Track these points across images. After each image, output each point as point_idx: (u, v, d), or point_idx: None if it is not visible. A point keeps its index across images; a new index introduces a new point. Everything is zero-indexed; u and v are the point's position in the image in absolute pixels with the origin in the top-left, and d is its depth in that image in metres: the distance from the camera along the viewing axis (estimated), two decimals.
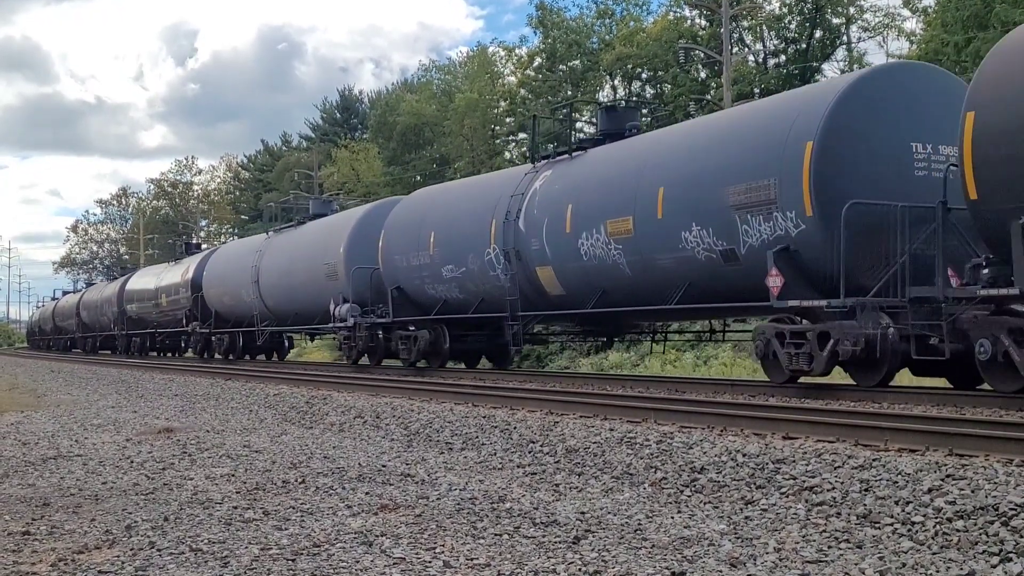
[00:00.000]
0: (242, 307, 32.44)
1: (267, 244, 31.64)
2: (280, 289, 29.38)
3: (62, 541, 6.28)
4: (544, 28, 54.55)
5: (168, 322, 40.44)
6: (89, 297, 56.13)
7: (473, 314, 20.49)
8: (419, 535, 6.25)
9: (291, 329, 31.01)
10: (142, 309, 43.59)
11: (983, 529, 5.74)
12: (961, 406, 11.34)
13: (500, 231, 19.19)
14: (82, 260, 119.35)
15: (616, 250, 16.29)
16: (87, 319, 54.99)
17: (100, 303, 51.62)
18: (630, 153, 17.20)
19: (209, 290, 35.30)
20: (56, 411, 16.53)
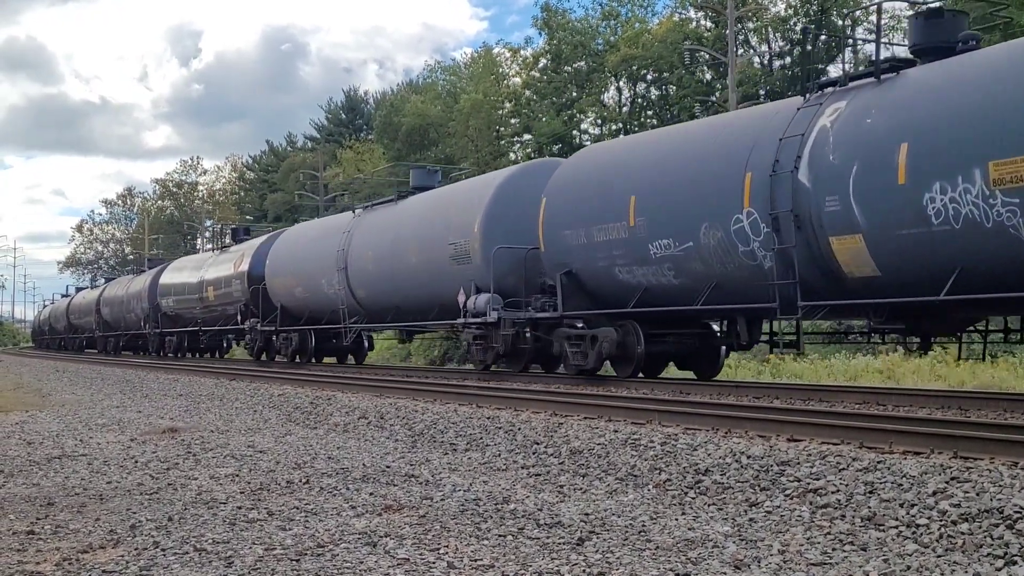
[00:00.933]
0: (321, 300, 27.08)
1: (356, 224, 25.93)
2: (378, 278, 23.96)
3: (66, 540, 6.29)
4: (549, 29, 54.59)
5: (215, 319, 35.88)
6: (112, 293, 52.10)
7: (703, 306, 15.22)
8: (423, 536, 6.26)
9: (397, 326, 25.01)
10: (181, 304, 39.17)
11: (988, 532, 5.73)
12: (966, 408, 11.33)
13: (761, 188, 13.85)
14: (87, 260, 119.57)
15: (1008, 207, 11.05)
16: (109, 316, 51.45)
17: (126, 299, 47.87)
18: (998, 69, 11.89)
19: (274, 280, 29.95)
20: (61, 411, 16.54)
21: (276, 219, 75.97)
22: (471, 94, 55.54)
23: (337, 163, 68.53)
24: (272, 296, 30.04)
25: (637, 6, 55.47)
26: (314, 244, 27.90)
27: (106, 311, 51.95)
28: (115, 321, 50.51)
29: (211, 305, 35.58)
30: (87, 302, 57.38)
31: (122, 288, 50.29)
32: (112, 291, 52.35)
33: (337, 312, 26.08)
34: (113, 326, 51.26)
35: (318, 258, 26.84)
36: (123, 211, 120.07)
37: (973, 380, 19.52)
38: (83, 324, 58.47)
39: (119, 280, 56.70)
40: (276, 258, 30.20)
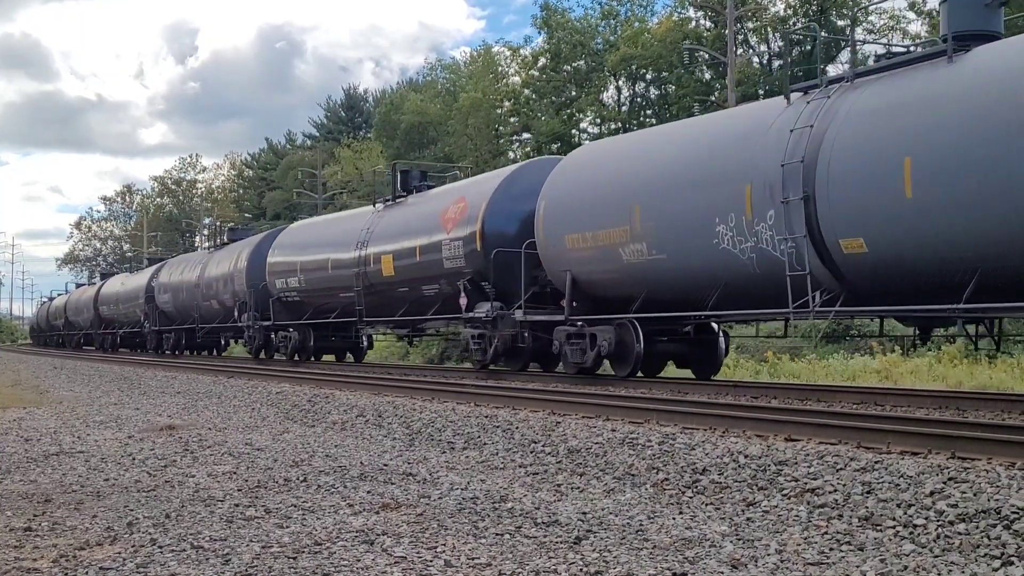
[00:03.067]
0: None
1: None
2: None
3: (64, 538, 6.28)
4: (549, 28, 54.59)
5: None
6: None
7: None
8: (420, 534, 6.26)
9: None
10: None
11: (985, 532, 5.73)
12: (964, 409, 11.34)
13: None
14: (85, 257, 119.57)
15: None
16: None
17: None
18: None
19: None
20: (59, 408, 16.53)
21: (275, 217, 75.97)
22: (470, 93, 55.52)
23: (336, 161, 68.49)
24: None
25: (636, 5, 55.51)
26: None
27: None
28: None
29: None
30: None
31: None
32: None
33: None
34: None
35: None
36: (122, 208, 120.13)
37: (971, 381, 19.52)
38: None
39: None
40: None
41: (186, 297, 37.48)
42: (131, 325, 42.79)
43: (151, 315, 41.29)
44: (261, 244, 32.26)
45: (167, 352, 41.20)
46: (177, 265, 40.46)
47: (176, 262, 42.17)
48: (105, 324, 47.17)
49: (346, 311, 26.17)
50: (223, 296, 34.10)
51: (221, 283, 34.37)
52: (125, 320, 43.98)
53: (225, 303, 34.08)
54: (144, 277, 43.30)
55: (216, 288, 34.82)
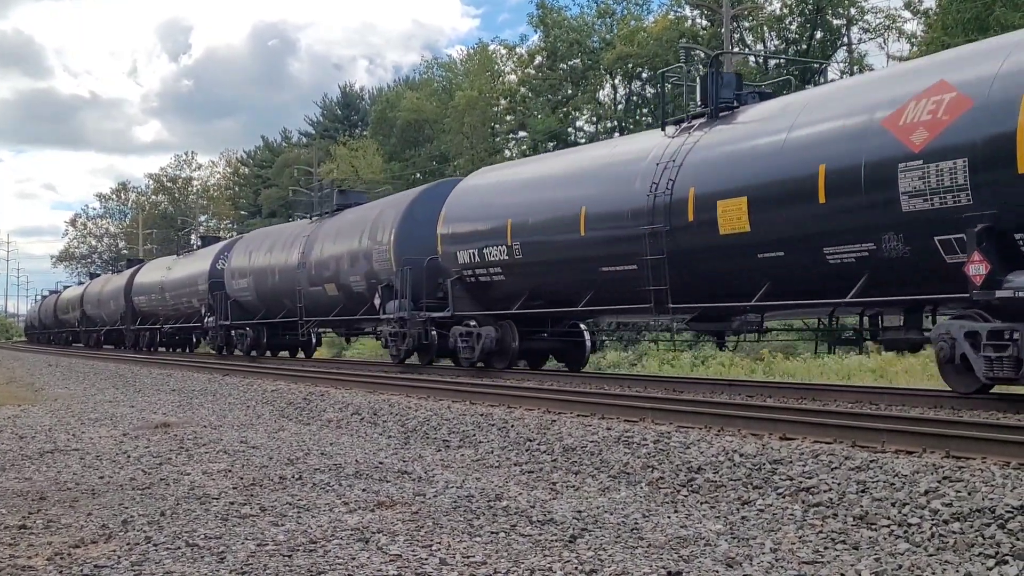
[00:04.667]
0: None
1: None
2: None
3: (58, 535, 6.28)
4: (545, 27, 54.57)
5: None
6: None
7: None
8: (416, 532, 6.25)
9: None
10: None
11: (979, 532, 5.74)
12: (959, 408, 11.35)
13: None
14: (81, 254, 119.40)
15: None
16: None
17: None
18: None
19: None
20: (53, 405, 16.52)
21: (271, 215, 75.90)
22: (466, 91, 55.50)
23: (332, 159, 68.43)
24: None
25: (633, 4, 55.49)
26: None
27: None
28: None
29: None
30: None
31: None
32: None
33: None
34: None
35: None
36: (117, 206, 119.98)
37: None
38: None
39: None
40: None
41: (279, 283, 29.72)
42: (179, 319, 38.57)
43: (217, 307, 33.59)
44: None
45: (248, 354, 32.85)
46: (259, 242, 32.50)
47: (256, 238, 33.96)
48: (142, 318, 43.35)
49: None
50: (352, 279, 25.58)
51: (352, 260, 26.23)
52: (172, 313, 39.25)
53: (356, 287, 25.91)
54: (203, 260, 36.81)
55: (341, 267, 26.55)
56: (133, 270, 47.01)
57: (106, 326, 50.69)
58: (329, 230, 27.04)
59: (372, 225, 24.21)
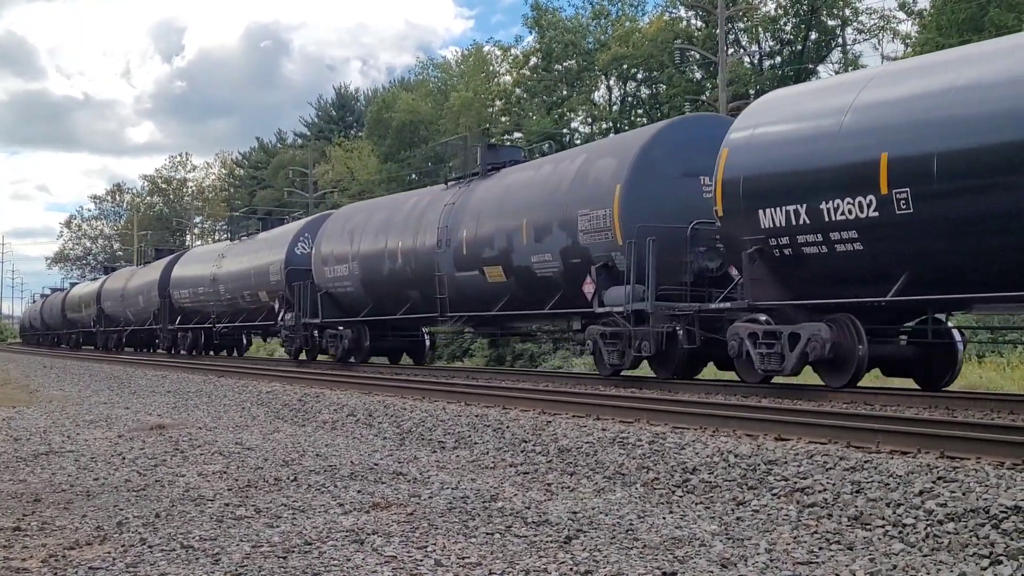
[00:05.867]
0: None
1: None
2: None
3: (53, 537, 6.27)
4: (540, 28, 54.60)
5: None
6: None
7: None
8: (411, 533, 6.25)
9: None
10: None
11: (974, 532, 5.75)
12: (953, 409, 11.37)
13: None
14: (76, 256, 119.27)
15: None
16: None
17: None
18: None
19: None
20: (48, 407, 16.49)
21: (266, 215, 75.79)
22: (461, 92, 55.52)
23: (327, 160, 68.41)
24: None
25: (627, 5, 55.56)
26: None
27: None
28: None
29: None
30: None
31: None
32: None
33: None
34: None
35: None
36: (112, 207, 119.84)
37: (960, 380, 19.55)
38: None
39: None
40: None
41: (402, 269, 23.25)
42: (237, 316, 32.97)
43: (299, 301, 26.97)
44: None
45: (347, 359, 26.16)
46: (364, 219, 25.75)
47: (357, 215, 26.94)
48: (183, 316, 37.54)
49: None
50: (537, 259, 19.74)
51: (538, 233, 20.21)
52: (228, 310, 33.35)
53: (543, 269, 20.00)
54: (274, 245, 30.20)
55: (516, 244, 20.39)
56: (167, 261, 41.01)
57: (131, 326, 44.59)
58: (487, 196, 20.56)
59: (573, 183, 17.78)
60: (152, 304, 40.42)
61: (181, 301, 37.68)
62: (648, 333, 15.31)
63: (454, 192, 22.00)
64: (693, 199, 15.95)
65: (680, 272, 15.58)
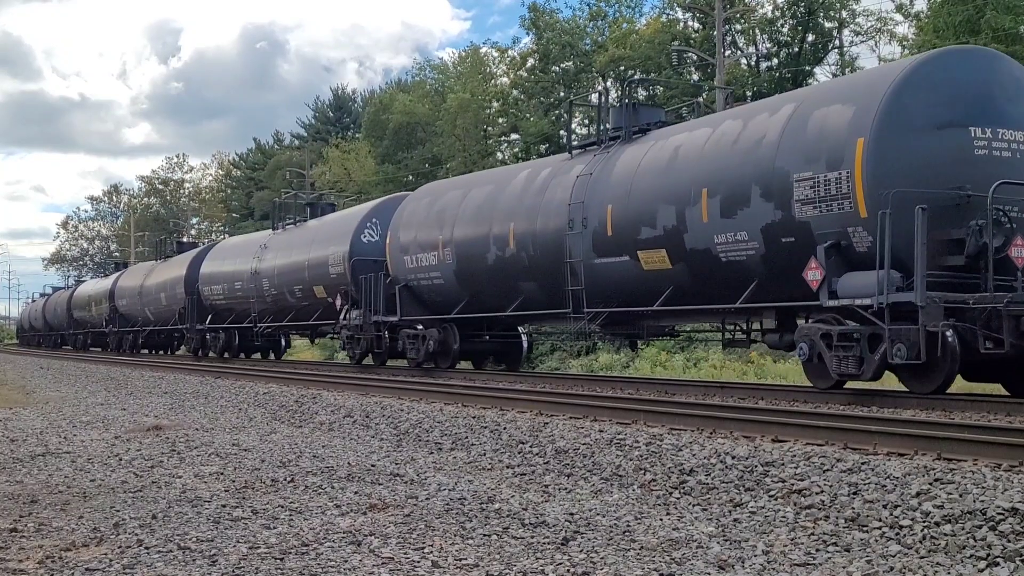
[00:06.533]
0: None
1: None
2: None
3: (50, 538, 6.26)
4: (537, 29, 54.64)
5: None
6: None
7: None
8: (408, 535, 6.25)
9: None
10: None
11: (971, 533, 5.75)
12: (950, 410, 11.37)
13: None
14: (72, 257, 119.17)
15: None
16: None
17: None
18: None
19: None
20: (45, 408, 16.48)
21: (263, 217, 75.78)
22: (459, 93, 55.52)
23: (324, 161, 68.40)
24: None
25: (624, 6, 55.57)
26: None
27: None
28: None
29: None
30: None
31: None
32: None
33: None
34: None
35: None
36: (109, 208, 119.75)
37: (957, 382, 19.55)
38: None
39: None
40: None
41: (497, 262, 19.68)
42: (279, 315, 29.16)
43: (371, 298, 23.03)
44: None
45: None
46: (451, 197, 21.72)
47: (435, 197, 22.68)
48: (213, 316, 33.88)
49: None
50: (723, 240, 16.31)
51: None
52: (270, 308, 29.62)
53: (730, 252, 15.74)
54: (337, 237, 25.68)
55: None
56: (195, 255, 37.04)
57: (150, 326, 41.23)
58: (642, 164, 16.30)
59: (782, 140, 13.51)
60: (176, 302, 36.54)
61: (213, 299, 33.76)
62: (912, 333, 11.75)
63: (587, 161, 17.81)
64: (961, 156, 12.54)
65: (944, 253, 12.35)
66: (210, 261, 34.53)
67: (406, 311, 21.68)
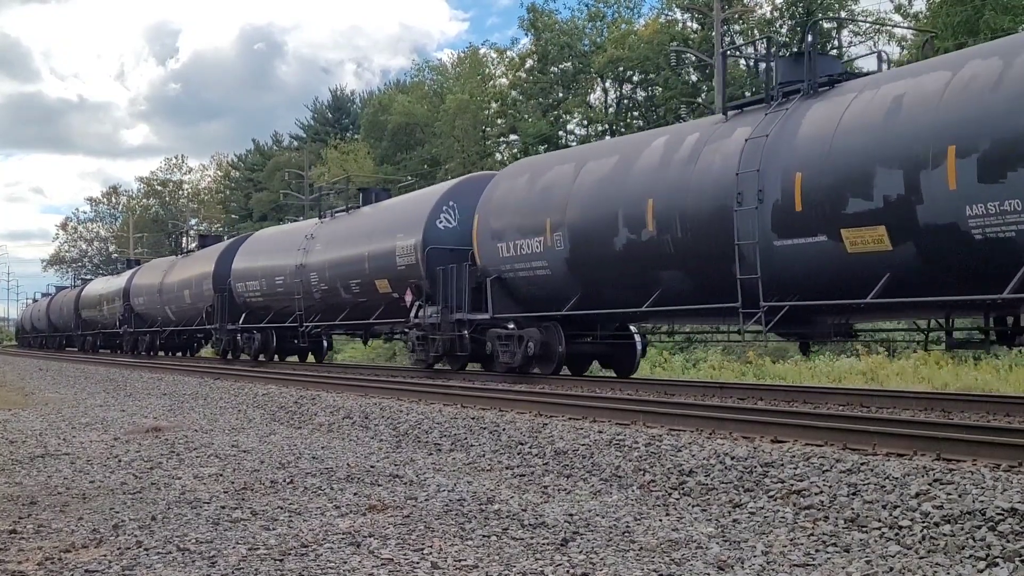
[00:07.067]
0: None
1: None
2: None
3: (49, 540, 6.26)
4: (535, 30, 54.66)
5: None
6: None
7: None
8: (407, 536, 6.25)
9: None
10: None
11: (970, 534, 5.75)
12: (949, 411, 11.38)
13: None
14: (71, 258, 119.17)
15: None
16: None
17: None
18: None
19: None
20: (44, 409, 16.47)
21: (262, 218, 75.82)
22: (457, 94, 55.54)
23: (323, 162, 68.43)
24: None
25: (623, 7, 55.62)
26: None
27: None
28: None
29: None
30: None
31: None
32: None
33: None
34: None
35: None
36: (108, 209, 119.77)
37: (956, 382, 19.60)
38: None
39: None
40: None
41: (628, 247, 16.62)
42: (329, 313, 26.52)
43: (450, 293, 20.37)
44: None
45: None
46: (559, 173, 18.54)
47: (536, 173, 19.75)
48: (247, 315, 31.12)
49: None
50: None
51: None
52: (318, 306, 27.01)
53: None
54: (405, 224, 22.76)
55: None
56: (223, 249, 34.30)
57: (171, 326, 38.81)
58: (843, 121, 13.12)
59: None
60: (203, 300, 33.92)
61: (248, 296, 30.93)
62: None
63: (754, 123, 14.50)
64: None
65: None
66: (244, 255, 31.51)
67: (499, 307, 18.90)
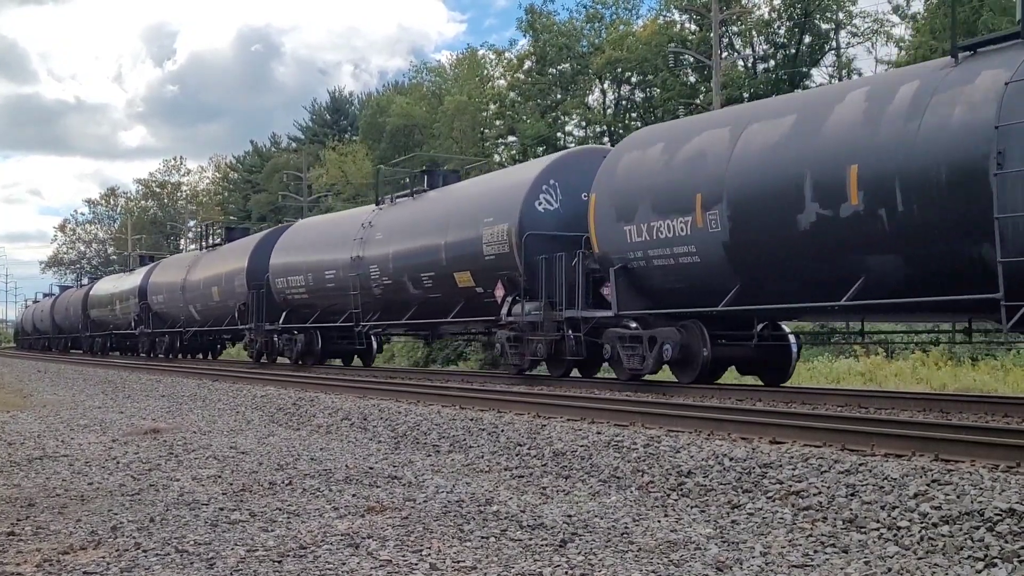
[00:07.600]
0: None
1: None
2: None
3: (47, 542, 6.25)
4: (534, 31, 54.67)
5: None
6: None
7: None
8: (406, 537, 6.25)
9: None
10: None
11: (968, 534, 5.75)
12: (947, 411, 11.39)
13: None
14: (70, 260, 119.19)
15: None
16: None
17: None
18: None
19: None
20: (42, 411, 16.47)
21: (260, 219, 75.79)
22: (455, 96, 55.54)
23: (321, 164, 68.42)
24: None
25: (621, 8, 55.62)
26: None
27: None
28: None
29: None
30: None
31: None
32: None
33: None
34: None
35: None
36: (106, 211, 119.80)
37: (954, 383, 19.60)
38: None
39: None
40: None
41: (820, 225, 13.51)
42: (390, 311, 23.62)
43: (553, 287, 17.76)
44: None
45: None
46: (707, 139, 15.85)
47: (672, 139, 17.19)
48: (287, 314, 28.28)
49: None
50: None
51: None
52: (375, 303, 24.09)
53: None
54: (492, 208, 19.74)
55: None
56: (257, 243, 31.47)
57: (194, 327, 36.32)
58: None
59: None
60: (235, 298, 31.23)
61: (289, 293, 27.95)
62: None
63: (1010, 63, 11.27)
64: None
65: None
66: (284, 248, 28.58)
67: (624, 303, 15.97)
